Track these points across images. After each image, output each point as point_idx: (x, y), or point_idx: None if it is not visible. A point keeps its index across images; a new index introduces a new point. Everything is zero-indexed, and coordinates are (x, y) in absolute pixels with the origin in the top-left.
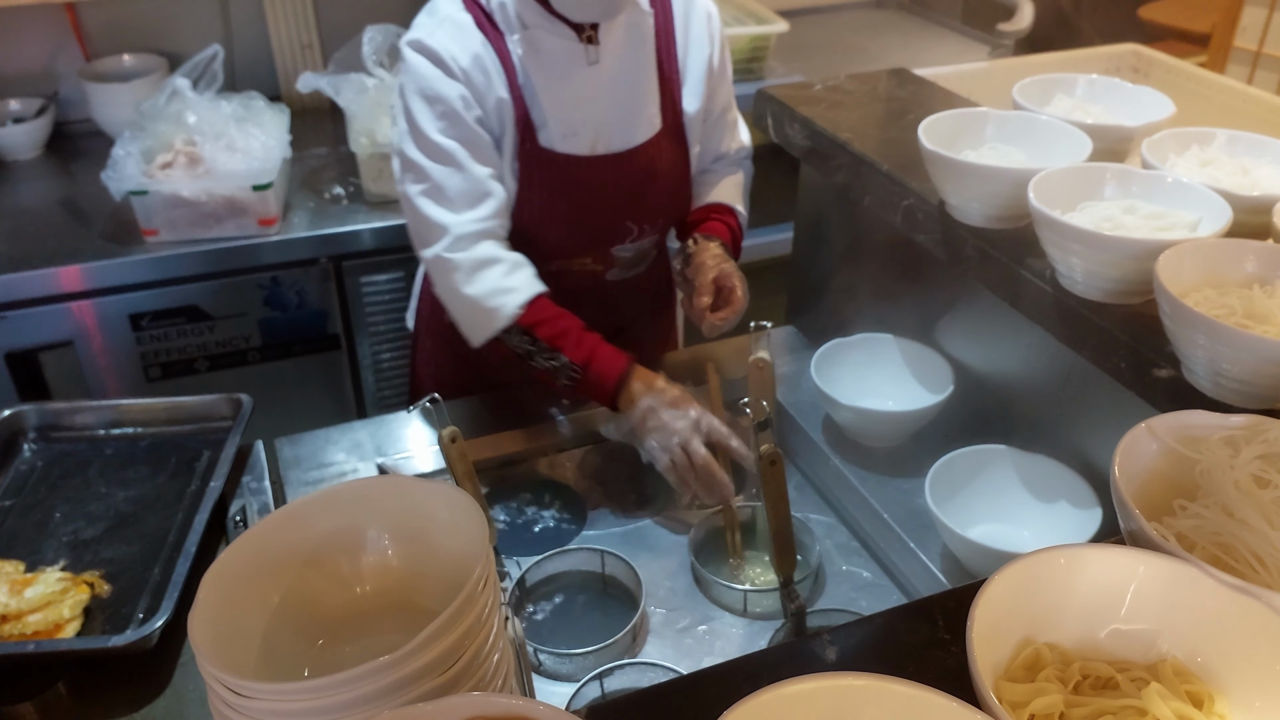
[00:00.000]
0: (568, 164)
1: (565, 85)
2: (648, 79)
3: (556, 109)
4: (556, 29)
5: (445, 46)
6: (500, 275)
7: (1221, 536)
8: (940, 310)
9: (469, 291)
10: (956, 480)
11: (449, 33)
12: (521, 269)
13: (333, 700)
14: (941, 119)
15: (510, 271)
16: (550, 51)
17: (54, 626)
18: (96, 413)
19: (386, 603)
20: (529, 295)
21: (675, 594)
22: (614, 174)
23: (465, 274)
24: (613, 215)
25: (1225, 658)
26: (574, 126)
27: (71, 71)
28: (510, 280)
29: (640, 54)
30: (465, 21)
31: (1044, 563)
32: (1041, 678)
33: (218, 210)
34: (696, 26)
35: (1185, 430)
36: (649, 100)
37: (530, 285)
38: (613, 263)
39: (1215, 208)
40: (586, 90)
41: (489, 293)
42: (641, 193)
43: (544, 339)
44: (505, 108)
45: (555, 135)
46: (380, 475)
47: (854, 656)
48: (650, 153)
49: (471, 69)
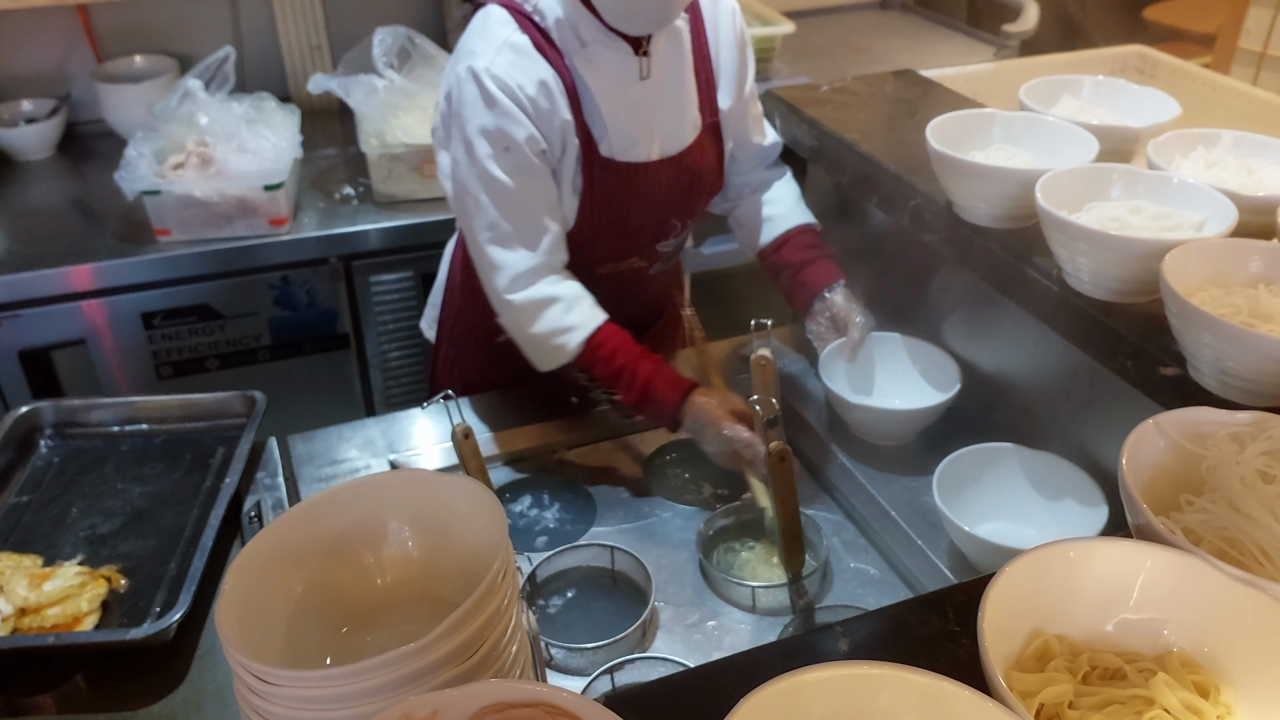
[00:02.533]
0: (630, 171)
1: (623, 100)
2: (688, 81)
3: (617, 122)
4: (614, 44)
5: (510, 76)
6: (560, 313)
7: (1228, 531)
8: (947, 309)
9: (533, 331)
10: (964, 478)
11: (510, 60)
12: (579, 303)
13: (356, 687)
14: (949, 120)
15: (569, 309)
16: (608, 68)
17: (72, 620)
18: (112, 410)
19: (406, 593)
20: (588, 333)
21: (684, 589)
22: (668, 176)
23: (527, 315)
24: (664, 215)
25: (1231, 649)
26: (635, 138)
27: (83, 73)
28: (569, 318)
29: (681, 59)
30: (523, 44)
31: (1053, 556)
32: (1051, 668)
33: (229, 210)
34: (724, 26)
35: (1192, 427)
36: (692, 103)
37: (589, 321)
38: (656, 258)
39: (1221, 208)
40: (642, 101)
41: (551, 332)
42: (689, 191)
43: (600, 378)
44: (568, 128)
45: (617, 146)
46: (400, 469)
47: (866, 648)
48: (696, 153)
49: (537, 97)
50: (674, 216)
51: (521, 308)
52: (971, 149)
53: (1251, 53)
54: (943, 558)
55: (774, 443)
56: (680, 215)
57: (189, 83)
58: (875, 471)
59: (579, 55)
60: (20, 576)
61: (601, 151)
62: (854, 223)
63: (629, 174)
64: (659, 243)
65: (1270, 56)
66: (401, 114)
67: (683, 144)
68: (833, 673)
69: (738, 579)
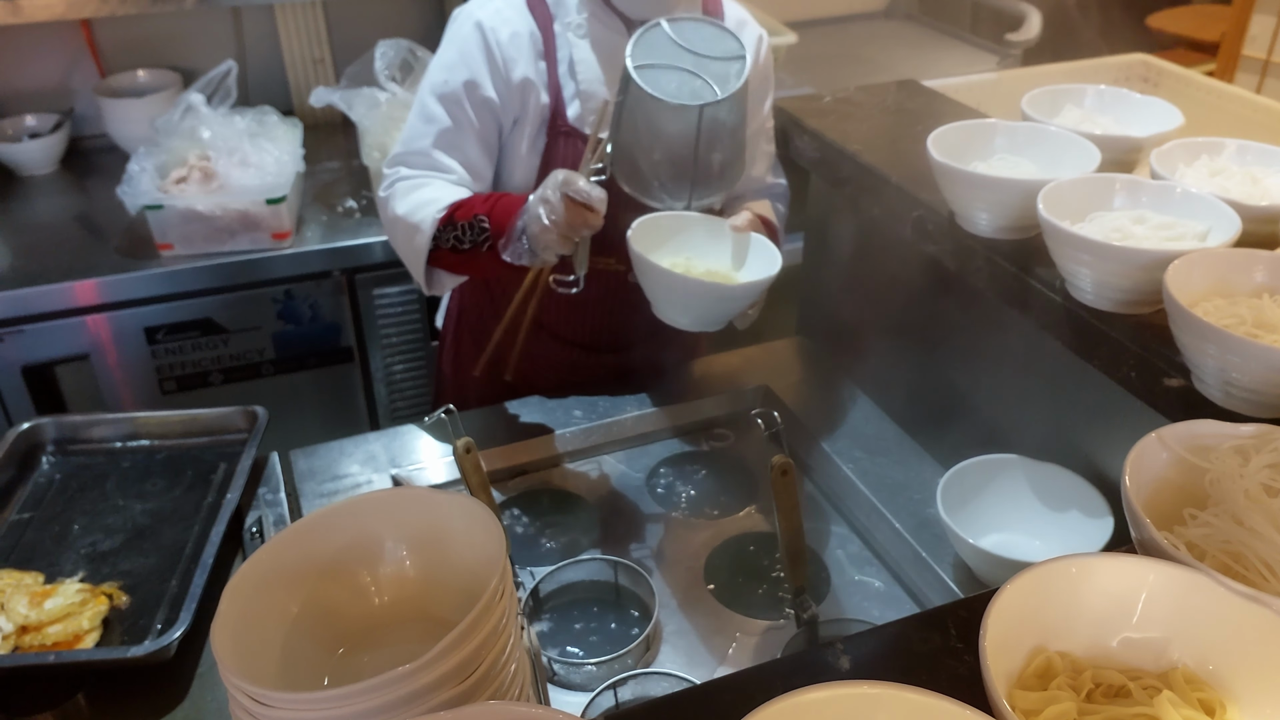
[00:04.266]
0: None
1: (607, 77)
2: None
3: (593, 97)
4: (610, 22)
5: (488, 20)
6: (430, 191)
7: (1231, 545)
8: (950, 320)
9: (400, 210)
10: (968, 490)
11: (496, 7)
12: (450, 186)
13: (353, 709)
14: (950, 130)
15: (439, 188)
16: (598, 42)
17: (73, 638)
18: (114, 425)
19: (404, 613)
20: (454, 198)
21: (688, 604)
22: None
23: (399, 197)
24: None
25: (1236, 666)
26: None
27: (87, 88)
28: (435, 192)
29: None
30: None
31: (1055, 572)
32: (1054, 686)
33: (232, 224)
34: (747, 49)
35: (1195, 440)
36: None
37: (457, 192)
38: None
39: (1224, 218)
40: None
41: (416, 206)
42: None
43: (460, 219)
44: (534, 86)
45: (586, 119)
46: (397, 486)
47: (867, 665)
48: None
49: (507, 44)
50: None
51: (394, 192)
52: (974, 159)
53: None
54: (947, 570)
55: (776, 457)
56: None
57: (191, 97)
58: (879, 484)
59: (569, 21)
60: (21, 594)
61: (570, 119)
62: (856, 234)
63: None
64: None
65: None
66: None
67: None
68: (832, 693)
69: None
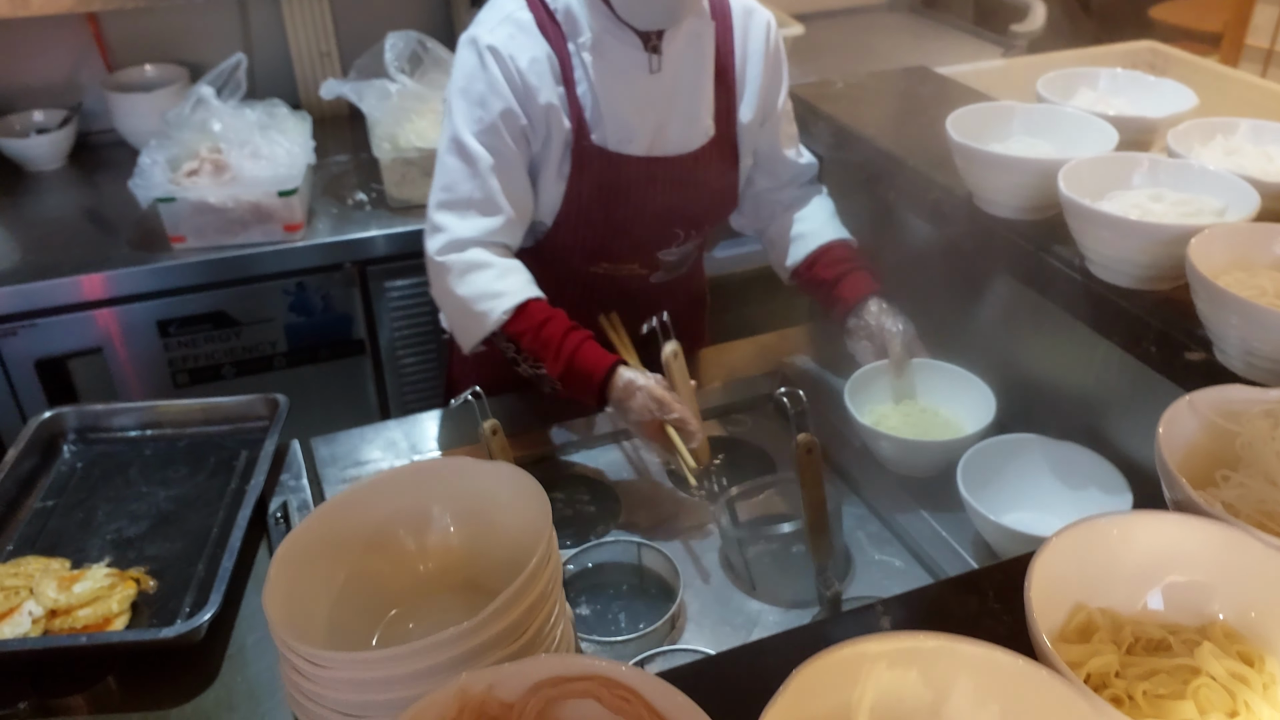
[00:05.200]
0: (620, 162)
1: (626, 92)
2: (705, 87)
3: (615, 114)
4: (623, 36)
5: (504, 46)
6: (491, 279)
7: (1266, 504)
8: (966, 301)
9: (461, 293)
10: (988, 468)
11: (509, 32)
12: (514, 274)
13: (408, 669)
14: (968, 112)
15: (501, 276)
16: (614, 58)
17: (103, 621)
18: (134, 414)
19: (447, 582)
20: (517, 301)
21: (711, 584)
22: (665, 177)
23: (457, 275)
24: (661, 219)
25: (1274, 619)
26: (631, 132)
27: (94, 82)
28: (500, 284)
29: (700, 62)
30: (526, 21)
31: (1095, 530)
32: (1095, 640)
33: (244, 216)
34: (755, 39)
35: (1225, 404)
36: (705, 108)
37: (520, 290)
38: (658, 266)
39: (1243, 194)
40: (646, 98)
41: (478, 296)
42: (691, 198)
43: (526, 350)
44: (557, 111)
45: (610, 136)
46: (442, 458)
47: (907, 626)
48: (702, 159)
49: (527, 72)
50: (676, 225)
51: (450, 267)
52: (991, 141)
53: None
54: (967, 548)
55: (801, 435)
56: (684, 224)
57: (202, 90)
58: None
59: (583, 40)
60: (49, 579)
61: (594, 139)
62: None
63: (619, 165)
64: (660, 250)
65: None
66: (415, 118)
67: (686, 148)
68: (891, 644)
69: (765, 573)
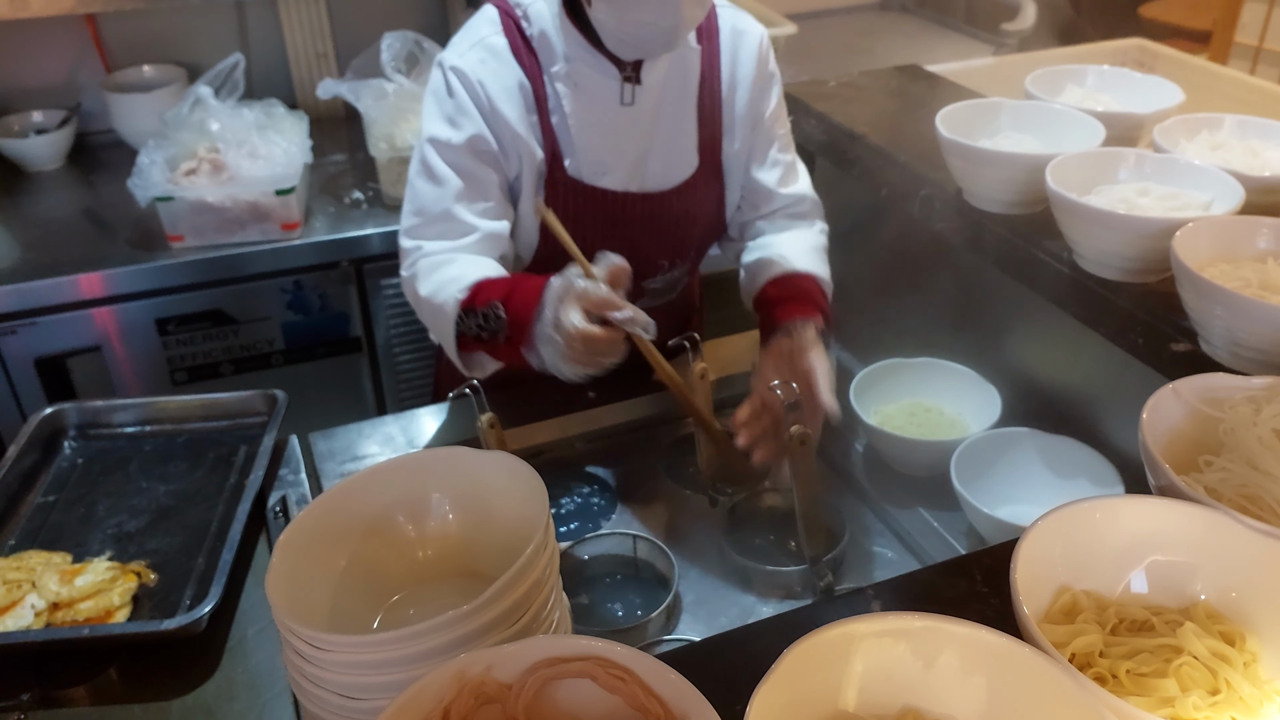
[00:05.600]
0: (596, 196)
1: (599, 123)
2: (687, 118)
3: (588, 145)
4: (599, 65)
5: (472, 71)
6: (454, 270)
7: (1248, 488)
8: (957, 296)
9: (424, 292)
10: (981, 462)
11: (479, 57)
12: (475, 263)
13: (408, 651)
14: (958, 109)
15: (463, 266)
16: (588, 88)
17: (105, 613)
18: (134, 410)
19: (446, 568)
20: (476, 277)
21: (707, 576)
22: (648, 212)
23: (422, 277)
24: (645, 252)
25: (1255, 599)
26: (606, 165)
27: (93, 83)
28: (458, 270)
29: (682, 92)
30: (499, 46)
31: (1080, 513)
32: (1079, 621)
33: (241, 215)
34: (745, 64)
35: (1209, 391)
36: (688, 140)
37: (479, 270)
38: (642, 294)
39: (1227, 188)
40: (621, 129)
41: (439, 286)
42: (674, 232)
43: (481, 305)
44: (529, 140)
45: (584, 169)
46: (440, 447)
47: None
48: (686, 193)
49: (497, 97)
50: (660, 256)
51: (416, 273)
52: (981, 137)
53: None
54: (961, 540)
55: (794, 426)
56: (669, 254)
57: (200, 90)
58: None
59: (558, 68)
60: (51, 573)
61: (569, 171)
62: (863, 214)
63: (595, 199)
64: (645, 279)
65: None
66: (411, 117)
67: (668, 182)
68: (879, 624)
69: (759, 564)
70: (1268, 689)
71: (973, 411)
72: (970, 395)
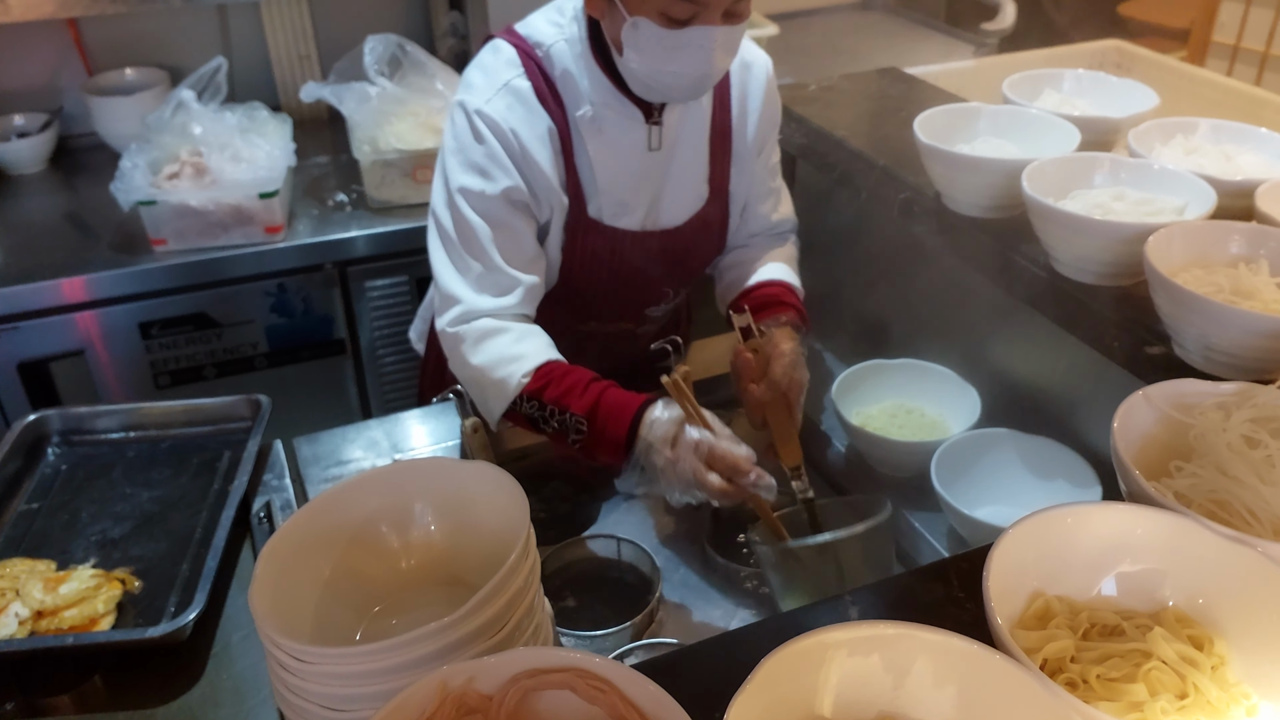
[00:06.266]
0: (615, 236)
1: (624, 169)
2: (700, 153)
3: (611, 187)
4: (625, 109)
5: (505, 120)
6: (508, 343)
7: (1217, 494)
8: (938, 298)
9: (477, 361)
10: (961, 462)
11: (508, 103)
12: (531, 337)
13: (390, 662)
14: (935, 114)
15: (519, 339)
16: (614, 134)
17: (89, 621)
18: (117, 416)
19: (430, 577)
20: (538, 361)
21: (689, 578)
22: (660, 247)
23: (472, 344)
24: (654, 284)
25: (1223, 604)
26: (628, 205)
27: (74, 86)
28: (518, 348)
29: (697, 129)
30: (525, 90)
31: (1052, 520)
32: (1052, 626)
33: (225, 219)
34: (754, 96)
35: (1179, 397)
36: (700, 175)
37: (540, 352)
38: (645, 321)
39: (1201, 193)
40: (644, 173)
41: (496, 361)
42: (684, 262)
43: (550, 400)
44: (558, 185)
45: (605, 210)
46: (423, 457)
47: (875, 615)
48: (695, 225)
49: (528, 147)
50: (666, 284)
51: (463, 337)
52: (958, 142)
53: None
54: (941, 540)
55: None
56: (673, 283)
57: (182, 93)
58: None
59: (582, 113)
60: (35, 580)
61: (590, 213)
62: (843, 218)
63: (615, 239)
64: (648, 308)
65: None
66: (394, 120)
67: (681, 218)
68: (852, 633)
69: (743, 566)
70: (1235, 692)
71: (953, 412)
72: (951, 396)
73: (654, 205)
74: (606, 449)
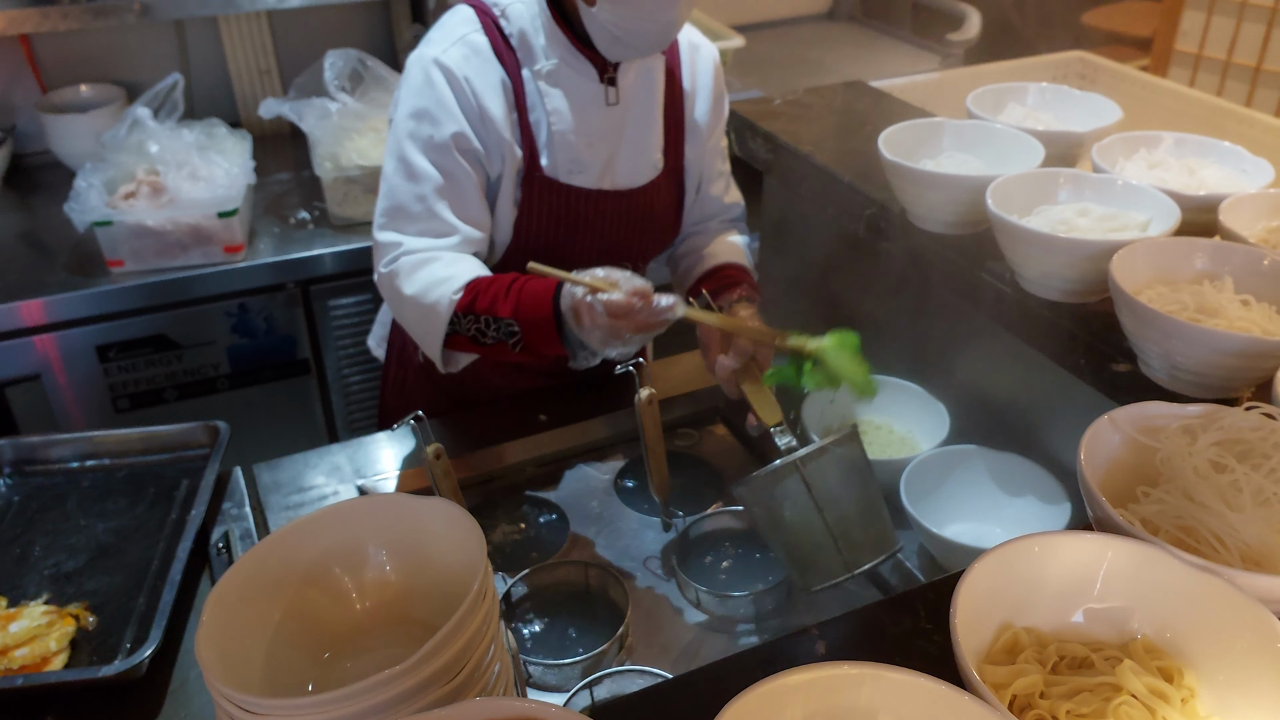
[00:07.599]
0: (570, 194)
1: (581, 124)
2: (654, 121)
3: (566, 145)
4: (580, 66)
5: (458, 68)
6: (440, 268)
7: (1183, 520)
8: (905, 314)
9: (410, 291)
10: (930, 480)
11: (463, 54)
12: (462, 261)
13: (339, 713)
14: (900, 130)
15: (450, 264)
16: (571, 89)
17: (41, 660)
18: (72, 445)
19: (385, 617)
20: (468, 278)
21: (659, 602)
22: (615, 210)
23: (405, 276)
24: (610, 252)
25: (1192, 634)
26: (582, 163)
27: (28, 103)
28: (448, 270)
29: (650, 97)
30: (481, 45)
31: (1019, 551)
32: (1021, 660)
33: (183, 239)
34: (704, 75)
35: (1145, 421)
36: (654, 142)
37: (470, 271)
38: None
39: (1164, 208)
40: (600, 130)
41: (428, 286)
42: (639, 231)
43: (481, 310)
44: (510, 139)
45: (560, 167)
46: (373, 493)
47: (842, 649)
48: (650, 193)
49: (481, 97)
50: (624, 257)
51: (397, 270)
52: (923, 157)
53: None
54: (911, 558)
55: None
56: (631, 256)
57: (138, 111)
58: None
59: (539, 68)
60: None
61: (545, 170)
62: (810, 232)
63: (569, 197)
64: None
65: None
66: (355, 136)
67: (635, 182)
68: (813, 675)
69: (712, 589)
70: None
71: (922, 429)
72: (919, 413)
73: (609, 165)
74: (542, 341)
